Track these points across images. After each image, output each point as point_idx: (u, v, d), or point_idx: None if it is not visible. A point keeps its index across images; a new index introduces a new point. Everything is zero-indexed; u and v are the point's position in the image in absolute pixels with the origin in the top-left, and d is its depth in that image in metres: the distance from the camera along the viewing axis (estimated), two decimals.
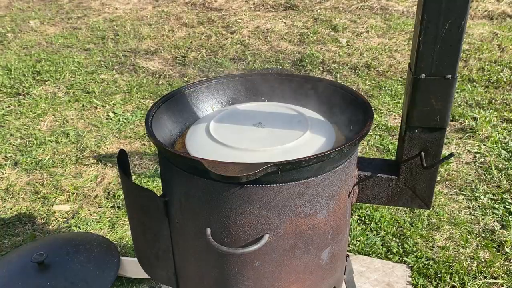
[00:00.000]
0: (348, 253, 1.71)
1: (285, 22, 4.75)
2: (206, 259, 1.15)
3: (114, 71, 3.90)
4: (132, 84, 3.62)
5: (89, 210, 2.30)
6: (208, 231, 1.07)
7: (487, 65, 3.66)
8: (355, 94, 1.29)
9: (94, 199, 2.37)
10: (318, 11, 5.02)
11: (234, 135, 1.22)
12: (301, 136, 1.20)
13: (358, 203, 1.91)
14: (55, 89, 3.59)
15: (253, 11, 5.14)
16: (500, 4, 4.90)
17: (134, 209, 1.28)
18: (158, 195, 1.18)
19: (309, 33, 4.42)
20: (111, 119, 3.13)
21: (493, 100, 3.19)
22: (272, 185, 1.03)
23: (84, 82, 3.69)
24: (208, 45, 4.31)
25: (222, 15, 5.04)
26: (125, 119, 3.12)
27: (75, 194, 2.40)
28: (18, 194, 2.42)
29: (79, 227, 2.18)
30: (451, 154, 1.08)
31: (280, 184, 1.03)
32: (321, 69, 3.78)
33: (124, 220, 2.21)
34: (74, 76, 3.80)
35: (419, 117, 1.13)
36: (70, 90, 3.55)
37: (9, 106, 3.33)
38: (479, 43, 4.04)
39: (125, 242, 2.08)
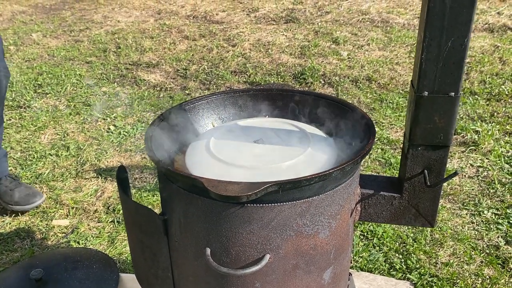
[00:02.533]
0: (351, 270, 1.68)
1: (286, 35, 4.77)
2: (205, 280, 1.13)
3: (115, 84, 3.91)
4: (133, 97, 3.62)
5: (88, 225, 2.28)
6: (208, 251, 1.05)
7: (489, 77, 3.65)
8: (357, 110, 1.27)
9: (93, 213, 2.35)
10: (319, 24, 5.04)
11: (234, 152, 1.21)
12: (302, 153, 1.18)
13: None
14: (56, 102, 3.59)
15: (254, 24, 5.16)
16: (500, 17, 4.91)
17: (133, 227, 1.26)
18: (158, 211, 1.16)
19: (310, 46, 4.43)
20: (112, 132, 3.12)
21: (495, 113, 3.18)
22: (273, 204, 1.01)
23: (86, 95, 3.69)
24: (210, 58, 4.32)
25: (223, 28, 5.07)
26: (126, 132, 3.11)
27: (74, 209, 2.38)
28: None
29: (78, 243, 2.16)
30: (455, 173, 1.06)
31: (281, 203, 1.01)
32: (322, 82, 3.78)
33: (124, 235, 2.19)
34: (75, 89, 3.80)
35: (422, 135, 1.11)
36: (71, 103, 3.55)
37: (10, 119, 3.33)
38: (480, 55, 4.04)
39: (124, 258, 2.06)
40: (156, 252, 1.21)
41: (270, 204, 1.01)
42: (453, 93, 1.06)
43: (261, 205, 1.00)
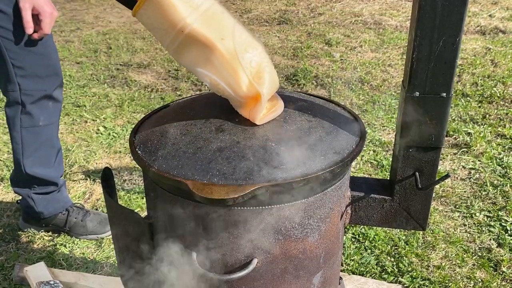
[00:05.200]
0: (342, 273, 1.65)
1: (278, 36, 4.75)
2: (191, 285, 1.09)
3: (105, 84, 3.86)
4: (124, 98, 3.58)
5: None
6: (194, 255, 1.02)
7: (481, 80, 3.65)
8: (348, 110, 1.25)
9: None
10: (312, 25, 5.03)
11: None
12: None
13: None
14: None
15: (247, 25, 5.14)
16: (492, 19, 4.93)
17: (118, 231, 1.23)
18: (143, 215, 1.13)
19: (302, 47, 4.42)
20: (101, 134, 3.08)
21: (487, 115, 3.18)
22: (260, 207, 0.98)
23: (75, 96, 3.65)
24: None
25: None
26: (116, 133, 3.07)
27: None
28: (3, 210, 2.35)
29: (65, 246, 2.11)
30: (447, 176, 1.04)
31: (269, 206, 0.98)
32: (315, 84, 3.76)
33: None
34: (65, 89, 3.75)
35: (413, 136, 1.09)
36: None
37: None
38: (472, 58, 4.05)
39: (112, 261, 2.02)
40: (142, 257, 1.17)
41: (257, 207, 0.98)
42: (444, 94, 1.04)
43: (248, 208, 0.97)
